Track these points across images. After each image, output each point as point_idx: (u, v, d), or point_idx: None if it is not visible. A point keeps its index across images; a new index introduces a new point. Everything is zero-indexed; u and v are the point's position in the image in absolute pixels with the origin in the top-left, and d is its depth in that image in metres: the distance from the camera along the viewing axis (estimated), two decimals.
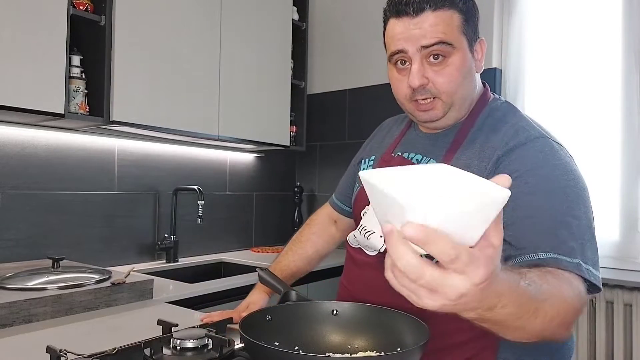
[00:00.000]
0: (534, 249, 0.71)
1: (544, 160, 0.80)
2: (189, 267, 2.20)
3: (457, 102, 0.88)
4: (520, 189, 0.75)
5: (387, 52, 0.92)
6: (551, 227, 0.73)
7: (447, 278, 0.42)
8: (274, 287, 1.02)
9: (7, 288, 1.24)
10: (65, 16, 1.60)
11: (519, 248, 0.73)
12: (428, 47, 0.83)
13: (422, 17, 0.83)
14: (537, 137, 0.84)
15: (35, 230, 1.80)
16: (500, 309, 0.50)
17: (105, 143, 2.03)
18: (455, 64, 0.85)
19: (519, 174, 0.78)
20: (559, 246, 0.71)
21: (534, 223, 0.74)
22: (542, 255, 0.71)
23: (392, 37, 0.87)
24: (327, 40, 2.84)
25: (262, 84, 2.33)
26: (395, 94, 0.93)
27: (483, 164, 0.83)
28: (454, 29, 0.84)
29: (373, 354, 0.80)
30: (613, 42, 2.03)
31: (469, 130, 0.90)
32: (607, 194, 2.01)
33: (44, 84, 1.55)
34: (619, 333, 1.91)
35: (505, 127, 0.87)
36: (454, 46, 0.84)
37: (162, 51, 1.88)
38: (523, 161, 0.80)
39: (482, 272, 0.42)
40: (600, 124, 2.05)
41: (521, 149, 0.82)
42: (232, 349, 0.85)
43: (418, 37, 0.83)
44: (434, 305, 0.44)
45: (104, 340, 1.02)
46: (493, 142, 0.86)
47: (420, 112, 0.89)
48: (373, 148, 1.09)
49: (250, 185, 2.67)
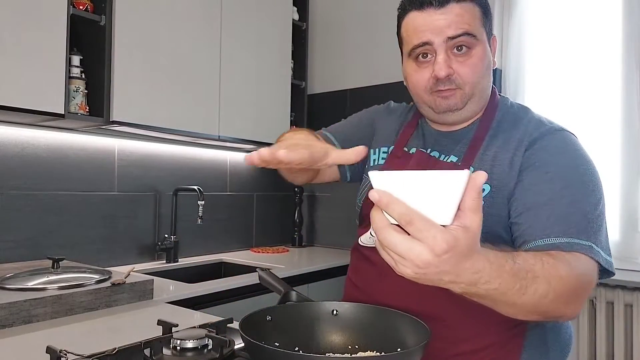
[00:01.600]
0: (549, 234, 0.75)
1: (565, 151, 0.84)
2: (189, 268, 2.20)
3: (477, 93, 0.89)
4: (541, 177, 0.80)
5: (405, 46, 0.91)
6: (568, 214, 0.76)
7: (409, 242, 0.49)
8: (274, 287, 1.02)
9: (7, 288, 1.24)
10: (65, 16, 1.60)
11: (535, 233, 0.76)
12: (454, 37, 0.84)
13: (448, 8, 0.84)
14: (557, 129, 0.87)
15: (35, 230, 1.80)
16: (483, 284, 0.56)
17: (105, 143, 2.03)
18: (478, 55, 0.86)
19: (542, 163, 0.81)
20: (573, 231, 0.74)
21: (552, 209, 0.77)
22: (556, 241, 0.74)
23: (415, 29, 0.86)
24: (327, 40, 2.84)
25: (262, 84, 2.33)
26: (413, 87, 0.92)
27: (509, 155, 0.85)
28: (476, 21, 0.86)
29: (373, 354, 0.79)
30: (613, 42, 2.03)
31: (488, 128, 0.91)
32: (607, 194, 2.00)
33: (44, 84, 1.55)
34: (620, 333, 1.91)
35: (525, 121, 0.90)
36: (477, 38, 0.86)
37: (162, 51, 1.88)
38: (546, 150, 0.83)
39: (441, 244, 0.48)
40: (600, 124, 2.05)
41: (544, 139, 0.85)
42: (232, 349, 0.85)
43: (444, 28, 0.83)
44: (407, 272, 0.52)
45: (104, 341, 1.02)
46: (516, 135, 0.88)
47: (441, 98, 0.88)
48: (383, 137, 1.05)
49: (250, 185, 2.67)
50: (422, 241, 0.49)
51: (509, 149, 0.86)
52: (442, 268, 0.51)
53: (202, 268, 2.26)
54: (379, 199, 0.49)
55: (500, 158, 0.86)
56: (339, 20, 2.78)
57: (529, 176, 0.82)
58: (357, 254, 1.03)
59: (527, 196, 0.78)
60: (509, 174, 0.83)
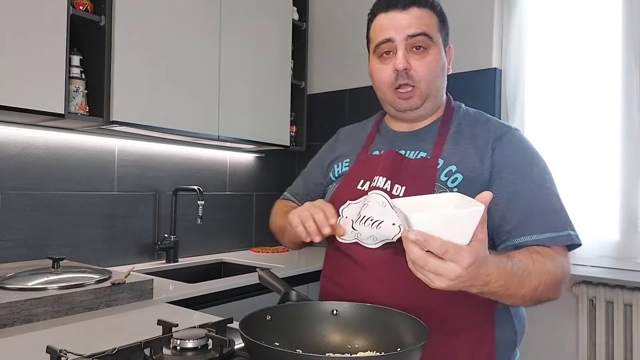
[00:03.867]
0: (533, 231, 0.88)
1: (526, 147, 0.98)
2: (189, 267, 2.20)
3: (432, 92, 1.00)
4: (516, 176, 0.93)
5: (371, 45, 1.03)
6: (545, 211, 0.91)
7: (444, 264, 0.64)
8: (274, 287, 1.02)
9: (7, 288, 1.24)
10: (65, 16, 1.60)
11: (522, 231, 0.89)
12: (413, 36, 0.96)
13: (409, 11, 0.97)
14: (513, 128, 1.01)
15: (35, 230, 1.80)
16: (493, 283, 0.72)
17: (105, 143, 2.03)
18: (434, 55, 0.98)
19: (511, 161, 0.94)
20: (552, 225, 0.89)
21: (531, 207, 0.90)
22: (541, 236, 0.88)
23: (380, 28, 0.99)
24: (327, 40, 2.84)
25: (262, 84, 2.33)
26: (377, 83, 1.02)
27: (478, 150, 0.97)
28: (434, 26, 0.98)
29: (373, 354, 0.80)
30: (613, 42, 2.03)
31: (449, 126, 1.02)
32: (607, 194, 2.01)
33: (44, 84, 1.55)
34: (619, 333, 1.91)
35: (484, 121, 1.03)
36: (433, 40, 0.98)
37: (162, 51, 1.89)
38: (511, 146, 0.97)
39: (468, 259, 0.64)
40: (600, 124, 2.05)
41: (506, 137, 0.98)
42: (232, 349, 0.85)
43: (405, 27, 0.96)
44: (441, 284, 0.66)
45: (104, 340, 1.02)
46: (481, 132, 1.00)
47: (401, 100, 0.99)
48: (343, 153, 1.15)
49: (250, 185, 2.67)
50: (455, 262, 0.64)
51: (477, 145, 0.97)
52: (467, 277, 0.66)
53: (202, 268, 2.26)
54: (416, 239, 0.63)
55: (470, 152, 0.96)
56: (339, 20, 2.78)
57: (505, 175, 0.93)
58: (338, 253, 1.04)
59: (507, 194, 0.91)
60: (481, 166, 0.94)
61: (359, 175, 1.04)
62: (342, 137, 1.21)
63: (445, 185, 0.93)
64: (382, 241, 0.95)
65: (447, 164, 0.96)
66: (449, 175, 0.95)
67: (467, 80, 2.31)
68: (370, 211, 0.96)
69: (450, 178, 0.94)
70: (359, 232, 0.97)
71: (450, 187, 0.93)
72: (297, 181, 1.27)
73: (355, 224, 0.98)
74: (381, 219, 0.94)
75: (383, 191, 0.96)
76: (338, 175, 1.10)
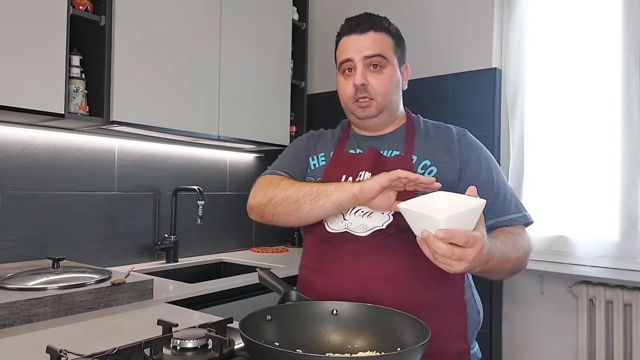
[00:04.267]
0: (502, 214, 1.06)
1: (480, 146, 1.15)
2: (189, 267, 2.20)
3: (387, 104, 1.13)
4: (480, 168, 1.09)
5: (337, 63, 1.17)
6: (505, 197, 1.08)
7: (465, 251, 0.77)
8: (274, 287, 1.02)
9: (7, 288, 1.24)
10: (65, 16, 1.60)
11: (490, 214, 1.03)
12: (369, 57, 1.10)
13: (367, 35, 1.11)
14: (466, 130, 1.17)
15: (35, 230, 1.80)
16: (491, 261, 0.86)
17: (105, 143, 2.03)
18: (388, 73, 1.12)
19: (475, 156, 1.11)
20: (513, 207, 1.07)
21: (497, 194, 1.07)
22: (508, 217, 1.06)
23: (343, 48, 1.14)
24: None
25: (262, 84, 2.33)
26: (341, 95, 1.16)
27: (446, 147, 1.11)
28: (388, 48, 1.12)
29: (373, 354, 0.80)
30: (613, 42, 2.03)
31: (414, 130, 1.17)
32: (607, 194, 2.01)
33: (44, 84, 1.55)
34: (619, 333, 1.91)
35: (444, 126, 1.18)
36: (388, 60, 1.11)
37: (162, 51, 1.89)
38: (471, 144, 1.14)
39: (480, 244, 0.78)
40: (600, 124, 2.05)
41: (465, 138, 1.14)
42: (232, 349, 0.85)
43: (362, 49, 1.10)
44: (460, 268, 0.78)
45: (104, 340, 1.03)
46: (444, 135, 1.14)
47: (360, 108, 1.12)
48: (319, 147, 1.24)
49: (250, 185, 2.62)
50: (473, 247, 0.77)
51: (444, 143, 1.12)
52: (479, 258, 0.78)
53: (202, 268, 2.26)
54: (444, 236, 0.75)
55: (439, 149, 1.11)
56: (339, 20, 2.76)
57: (472, 167, 1.09)
58: (324, 244, 1.09)
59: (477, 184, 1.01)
60: (451, 160, 1.09)
61: (341, 171, 1.13)
62: (311, 137, 1.30)
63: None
64: (372, 229, 1.04)
65: (421, 159, 1.09)
66: (425, 169, 1.08)
67: (467, 80, 2.31)
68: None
69: (426, 171, 1.08)
70: (349, 222, 1.06)
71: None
72: (284, 161, 1.25)
73: (347, 215, 1.07)
74: (370, 209, 1.04)
75: None
76: (314, 169, 1.19)
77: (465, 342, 1.05)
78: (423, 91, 2.39)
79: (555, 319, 2.13)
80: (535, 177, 2.18)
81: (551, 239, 2.10)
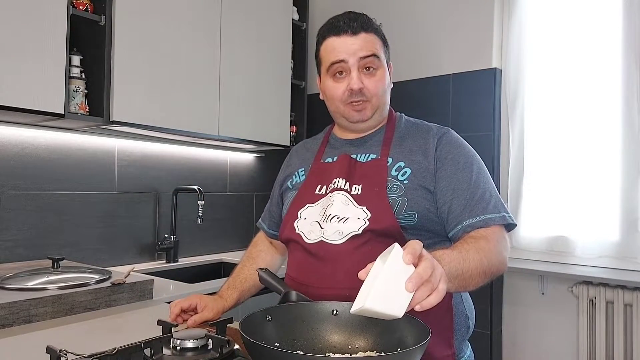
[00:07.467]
0: (476, 214, 1.02)
1: (461, 144, 1.11)
2: (189, 267, 2.20)
3: (381, 105, 1.13)
4: (457, 167, 1.06)
5: (323, 65, 1.13)
6: (482, 197, 1.03)
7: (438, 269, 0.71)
8: (274, 287, 1.02)
9: (7, 288, 1.24)
10: (65, 16, 1.60)
11: (465, 214, 1.01)
12: (365, 57, 1.07)
13: (359, 36, 1.08)
14: (448, 129, 1.14)
15: (35, 230, 1.80)
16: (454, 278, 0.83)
17: (105, 143, 2.03)
18: (381, 74, 1.11)
19: (453, 155, 1.08)
20: (488, 208, 1.02)
21: (472, 194, 1.03)
22: (481, 217, 1.01)
23: (333, 50, 1.09)
24: None
25: (262, 84, 2.33)
26: (331, 99, 1.14)
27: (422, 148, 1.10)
28: (379, 48, 1.11)
29: (373, 354, 0.80)
30: (613, 42, 2.03)
31: (393, 131, 1.16)
32: (607, 194, 2.01)
33: (44, 84, 1.55)
34: (619, 333, 1.91)
35: (425, 126, 1.16)
36: (381, 60, 1.10)
37: (162, 51, 1.89)
38: (451, 143, 1.10)
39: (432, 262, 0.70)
40: (600, 124, 2.05)
41: (445, 136, 1.11)
42: (232, 349, 0.85)
43: (357, 51, 1.07)
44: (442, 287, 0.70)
45: (104, 340, 1.02)
46: (423, 134, 1.13)
47: (354, 112, 1.11)
48: (296, 165, 1.26)
49: (250, 185, 2.67)
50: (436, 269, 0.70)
51: (420, 144, 1.11)
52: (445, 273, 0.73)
53: (202, 268, 2.26)
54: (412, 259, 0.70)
55: (414, 150, 1.10)
56: None
57: (448, 166, 1.06)
58: (303, 254, 1.09)
59: (451, 183, 1.04)
60: (425, 159, 1.08)
61: (317, 181, 1.15)
62: (295, 153, 1.32)
63: (397, 179, 1.06)
64: (348, 235, 1.04)
65: (396, 161, 1.09)
66: (399, 170, 1.08)
67: (467, 80, 2.31)
68: (336, 209, 1.06)
69: (400, 172, 1.07)
70: (325, 230, 1.06)
71: (401, 180, 1.06)
72: (268, 205, 1.36)
73: (323, 223, 1.07)
74: (346, 215, 1.04)
75: (344, 191, 1.08)
76: (296, 183, 1.21)
77: (451, 348, 1.03)
78: (423, 91, 2.39)
79: (556, 319, 2.13)
80: (535, 177, 2.18)
81: (551, 239, 2.10)
